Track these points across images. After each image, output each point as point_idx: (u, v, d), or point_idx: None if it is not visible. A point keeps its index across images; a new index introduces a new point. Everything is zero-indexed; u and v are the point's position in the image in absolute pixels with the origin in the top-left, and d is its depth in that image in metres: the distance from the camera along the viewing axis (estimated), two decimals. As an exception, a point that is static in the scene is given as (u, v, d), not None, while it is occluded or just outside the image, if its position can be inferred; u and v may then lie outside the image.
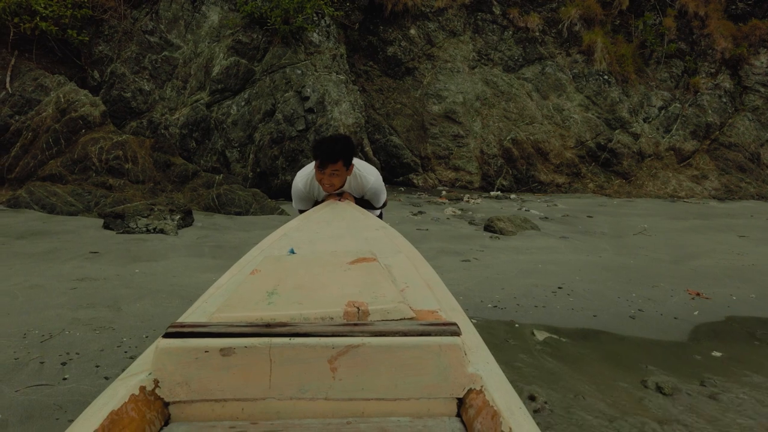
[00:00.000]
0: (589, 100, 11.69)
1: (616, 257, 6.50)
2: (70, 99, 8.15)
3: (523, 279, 5.42)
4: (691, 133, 11.81)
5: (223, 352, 1.15)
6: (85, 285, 4.70)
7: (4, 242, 5.91)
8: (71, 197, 7.44)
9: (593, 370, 3.61)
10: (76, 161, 7.86)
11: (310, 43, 9.69)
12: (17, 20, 8.03)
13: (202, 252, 5.92)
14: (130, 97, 9.09)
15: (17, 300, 4.29)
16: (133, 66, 9.23)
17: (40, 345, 3.53)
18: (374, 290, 1.43)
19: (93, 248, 5.81)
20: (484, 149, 11.35)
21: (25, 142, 7.99)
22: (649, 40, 12.25)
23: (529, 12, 11.91)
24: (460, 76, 11.57)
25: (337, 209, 2.86)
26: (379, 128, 11.27)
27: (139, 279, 4.93)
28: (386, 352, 1.17)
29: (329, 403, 1.18)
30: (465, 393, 1.19)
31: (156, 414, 1.14)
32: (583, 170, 11.46)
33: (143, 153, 8.20)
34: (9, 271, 4.97)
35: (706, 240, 7.56)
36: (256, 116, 9.13)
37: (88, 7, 8.80)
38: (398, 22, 11.57)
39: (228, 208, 7.78)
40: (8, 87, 8.12)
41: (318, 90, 9.29)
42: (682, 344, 4.12)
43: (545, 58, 11.81)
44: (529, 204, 9.87)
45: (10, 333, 3.66)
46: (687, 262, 6.38)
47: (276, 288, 1.47)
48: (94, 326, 3.86)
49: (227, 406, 1.18)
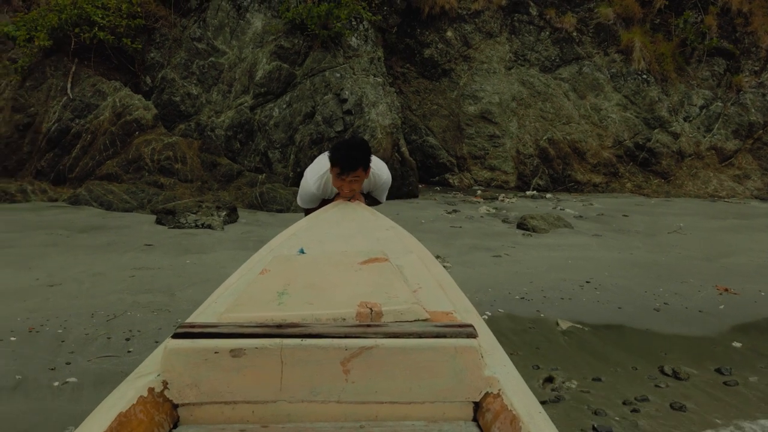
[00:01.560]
0: (627, 100, 11.66)
1: (647, 254, 6.59)
2: (125, 103, 8.72)
3: (552, 274, 5.59)
4: (733, 132, 11.63)
5: (234, 353, 1.13)
6: (142, 273, 5.15)
7: (68, 235, 6.45)
8: (126, 195, 7.98)
9: (613, 356, 3.79)
10: (130, 161, 8.42)
11: (348, 47, 10.04)
12: (78, 30, 8.64)
13: (246, 246, 6.31)
14: (179, 101, 9.63)
15: (84, 285, 4.75)
16: (182, 71, 9.76)
17: (106, 323, 3.95)
18: (387, 291, 1.41)
19: (147, 241, 6.28)
20: (520, 149, 11.47)
21: (85, 143, 8.60)
22: (689, 39, 12.13)
23: (566, 12, 11.96)
24: (496, 77, 11.73)
25: (347, 209, 2.83)
26: (416, 129, 11.53)
27: (190, 269, 5.35)
28: (400, 354, 1.15)
29: (342, 406, 1.16)
30: (482, 397, 1.17)
31: (165, 416, 1.13)
32: (620, 170, 11.45)
33: (191, 154, 8.71)
34: (74, 261, 5.46)
35: (743, 239, 7.53)
36: (297, 118, 9.53)
37: (142, 16, 9.37)
38: (435, 25, 11.81)
39: (270, 206, 8.19)
40: (69, 92, 8.75)
41: (356, 92, 9.63)
42: (704, 336, 4.24)
43: (582, 57, 11.84)
44: (564, 203, 9.96)
45: (80, 313, 4.10)
46: (719, 260, 6.41)
47: (286, 288, 1.45)
48: (151, 309, 4.26)
49: (237, 408, 1.16)
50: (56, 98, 8.78)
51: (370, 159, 2.88)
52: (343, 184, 2.86)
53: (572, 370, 3.55)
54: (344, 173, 2.79)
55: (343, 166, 2.76)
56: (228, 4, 10.10)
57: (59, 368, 3.27)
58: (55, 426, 2.73)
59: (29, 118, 8.79)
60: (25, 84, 8.94)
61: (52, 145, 8.66)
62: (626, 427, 2.95)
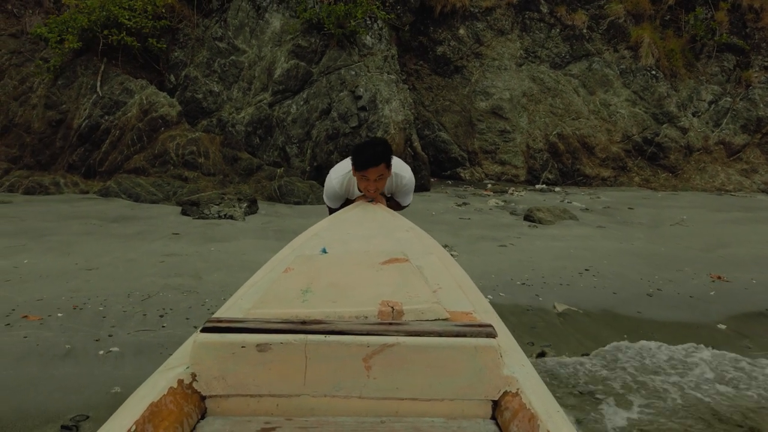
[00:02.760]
0: (636, 95, 11.87)
1: (647, 245, 6.87)
2: (152, 101, 9.18)
3: (554, 262, 5.92)
4: (742, 127, 11.79)
5: (260, 348, 1.17)
6: (171, 259, 5.57)
7: (101, 225, 6.91)
8: (153, 188, 8.45)
9: (602, 336, 4.11)
10: (156, 156, 8.88)
11: (363, 46, 10.39)
12: (106, 33, 9.10)
13: (266, 235, 6.72)
14: (202, 98, 10.07)
15: (119, 270, 5.18)
16: (204, 70, 10.20)
17: (141, 302, 4.37)
18: (407, 290, 1.45)
19: (174, 230, 6.72)
20: (530, 144, 11.75)
21: (113, 139, 9.08)
22: (699, 35, 12.28)
23: (577, 9, 12.19)
24: (507, 74, 12.01)
25: (368, 210, 2.91)
26: (428, 124, 11.86)
27: (215, 255, 5.77)
28: (421, 352, 1.18)
29: (363, 402, 1.20)
30: (500, 395, 1.20)
31: (193, 407, 1.17)
32: (629, 164, 11.68)
33: (213, 149, 9.14)
34: (108, 248, 5.91)
35: (744, 230, 7.77)
36: (314, 114, 9.92)
37: (166, 17, 9.81)
38: (447, 23, 12.11)
39: (288, 198, 8.60)
40: (99, 90, 9.23)
41: (370, 89, 9.99)
42: (692, 318, 4.55)
43: (592, 54, 12.07)
44: (572, 196, 10.23)
45: (117, 294, 4.53)
46: (717, 251, 6.67)
47: (310, 286, 1.49)
48: (181, 290, 4.68)
49: (262, 401, 1.20)
50: (86, 96, 9.27)
51: (391, 156, 2.93)
52: (368, 184, 2.93)
53: (563, 346, 3.89)
54: (368, 169, 2.84)
55: (367, 163, 2.81)
56: (248, 5, 10.50)
57: (102, 340, 3.69)
58: (103, 386, 3.13)
59: (61, 114, 9.29)
60: (57, 82, 9.44)
61: (82, 140, 9.16)
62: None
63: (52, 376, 3.24)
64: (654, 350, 3.76)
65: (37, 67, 9.69)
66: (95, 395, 3.06)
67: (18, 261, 5.34)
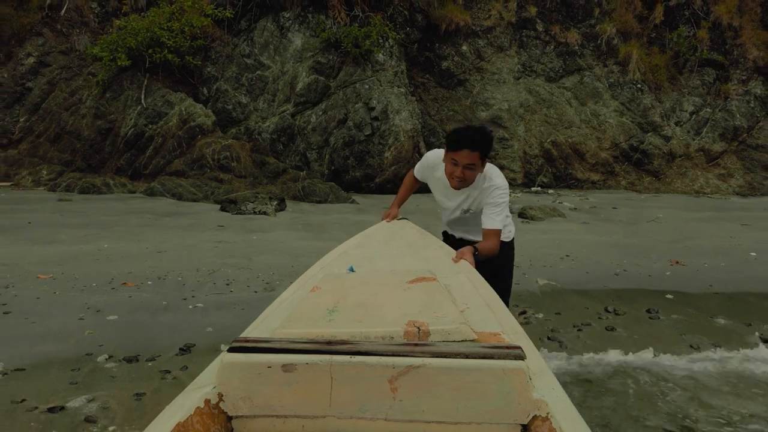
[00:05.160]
0: (623, 107, 13.03)
1: (623, 238, 8.00)
2: (190, 111, 10.38)
3: (540, 250, 7.05)
4: (720, 135, 12.94)
5: (285, 368, 1.16)
6: (222, 245, 6.73)
7: (155, 219, 8.08)
8: (192, 188, 9.63)
9: (572, 301, 5.25)
10: (194, 160, 10.08)
11: (376, 62, 11.58)
12: (151, 51, 10.31)
13: (296, 228, 7.88)
14: (231, 108, 11.26)
15: (183, 252, 6.34)
16: (233, 83, 11.40)
17: (209, 275, 5.52)
18: (434, 310, 1.43)
19: (219, 223, 7.89)
20: (526, 150, 12.91)
21: (156, 145, 10.28)
22: (682, 51, 13.44)
23: (570, 28, 13.36)
24: (505, 86, 13.18)
25: (396, 228, 2.88)
26: (434, 132, 13.03)
27: (257, 243, 6.92)
28: (447, 373, 1.16)
29: (389, 424, 1.18)
30: (530, 419, 1.17)
31: (219, 428, 1.16)
32: (616, 169, 12.82)
33: (244, 154, 10.33)
34: (168, 236, 7.07)
35: (709, 227, 8.90)
36: (332, 124, 11.10)
37: (201, 37, 11.03)
38: (452, 40, 13.29)
39: (311, 198, 9.77)
40: (143, 102, 10.43)
41: (382, 101, 11.17)
42: (646, 289, 5.68)
43: (584, 69, 13.24)
44: (563, 198, 11.37)
45: (188, 269, 5.68)
46: (682, 242, 7.80)
47: (336, 305, 1.48)
48: (238, 267, 5.83)
49: (288, 422, 1.19)
50: (132, 107, 10.48)
51: (490, 151, 2.66)
52: (454, 169, 2.64)
53: (541, 308, 5.03)
54: (461, 150, 2.57)
55: (462, 142, 2.56)
56: (272, 25, 11.71)
57: (188, 299, 4.85)
58: (199, 328, 4.27)
59: (109, 123, 10.49)
60: (105, 95, 10.65)
61: (129, 146, 10.36)
62: (571, 339, 4.43)
63: (159, 322, 4.38)
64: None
65: (85, 81, 10.90)
66: (194, 333, 4.20)
67: (99, 246, 6.51)
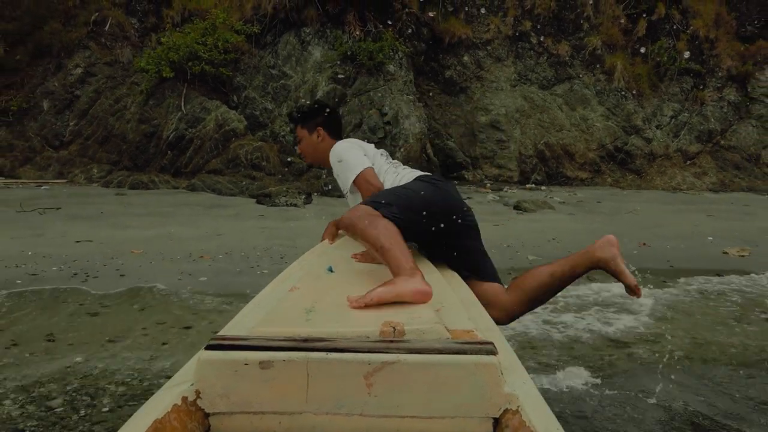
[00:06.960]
0: (609, 112, 14.44)
1: (602, 226, 9.38)
2: (224, 117, 11.77)
3: (530, 235, 8.44)
4: (696, 137, 14.35)
5: (262, 365, 1.18)
6: (267, 231, 8.10)
7: (204, 210, 9.46)
8: (229, 184, 11.02)
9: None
10: (229, 160, 11.46)
11: (387, 73, 12.97)
12: (190, 64, 11.70)
13: (324, 217, 9.28)
14: (258, 114, 12.64)
15: (237, 236, 7.70)
16: (260, 91, 12.78)
17: (264, 251, 6.88)
18: (410, 311, 1.48)
19: (259, 213, 9.27)
20: (521, 151, 14.31)
21: (195, 147, 11.66)
22: (663, 61, 14.86)
23: (561, 41, 14.78)
24: (503, 93, 14.59)
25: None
26: (439, 135, 14.43)
27: (295, 228, 8.29)
28: (422, 369, 1.19)
29: (364, 419, 1.20)
30: (501, 413, 1.20)
31: (197, 424, 1.19)
32: (602, 168, 14.23)
33: (273, 154, 11.72)
34: (221, 224, 8.43)
35: (678, 217, 10.29)
36: (348, 128, 12.49)
37: (232, 51, 12.43)
38: (454, 51, 14.68)
39: (332, 193, 11.17)
40: (183, 109, 11.82)
41: (393, 108, 12.56)
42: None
43: (573, 77, 14.65)
44: (554, 193, 12.78)
45: (246, 247, 7.02)
46: (652, 229, 9.18)
47: (314, 305, 1.52)
48: (285, 246, 7.19)
49: (265, 418, 1.22)
50: (173, 113, 11.86)
51: (309, 117, 2.74)
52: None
53: (529, 275, 6.42)
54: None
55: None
56: (294, 39, 13.10)
57: (255, 268, 6.22)
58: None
59: (153, 128, 11.88)
60: (149, 102, 12.03)
61: (171, 147, 11.75)
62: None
63: (240, 281, 5.76)
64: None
65: (129, 89, 12.29)
66: (267, 290, 5.59)
67: (167, 230, 7.88)
